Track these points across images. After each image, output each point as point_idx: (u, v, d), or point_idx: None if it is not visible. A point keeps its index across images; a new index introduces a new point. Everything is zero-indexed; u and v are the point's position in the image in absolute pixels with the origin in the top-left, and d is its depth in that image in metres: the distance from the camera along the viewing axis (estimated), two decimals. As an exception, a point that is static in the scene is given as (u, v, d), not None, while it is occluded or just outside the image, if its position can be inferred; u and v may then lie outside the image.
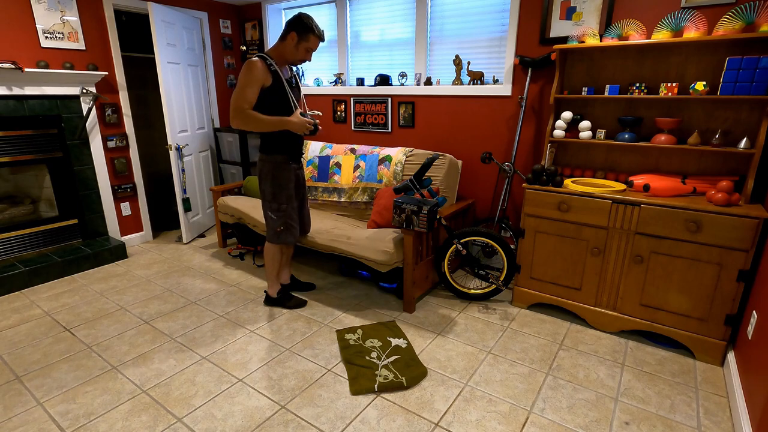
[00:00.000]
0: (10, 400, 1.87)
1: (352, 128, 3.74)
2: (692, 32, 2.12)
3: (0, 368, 2.08)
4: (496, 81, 2.98)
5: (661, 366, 2.09)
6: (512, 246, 2.91)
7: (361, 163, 3.23)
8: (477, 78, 2.99)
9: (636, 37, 2.28)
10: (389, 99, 3.43)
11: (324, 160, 3.41)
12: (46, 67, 2.99)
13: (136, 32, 4.14)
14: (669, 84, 2.20)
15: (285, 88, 2.20)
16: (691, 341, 2.13)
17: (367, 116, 3.61)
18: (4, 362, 2.13)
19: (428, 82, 3.23)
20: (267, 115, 2.17)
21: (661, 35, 2.19)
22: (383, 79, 3.42)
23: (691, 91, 2.12)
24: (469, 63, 3.02)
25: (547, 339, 2.31)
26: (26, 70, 2.83)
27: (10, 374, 2.04)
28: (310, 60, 2.27)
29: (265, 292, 2.71)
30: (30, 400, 1.87)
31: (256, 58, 2.12)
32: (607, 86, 2.36)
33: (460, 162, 3.06)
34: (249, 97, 2.11)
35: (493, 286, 2.67)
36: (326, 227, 2.84)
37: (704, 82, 2.10)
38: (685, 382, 1.97)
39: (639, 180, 2.26)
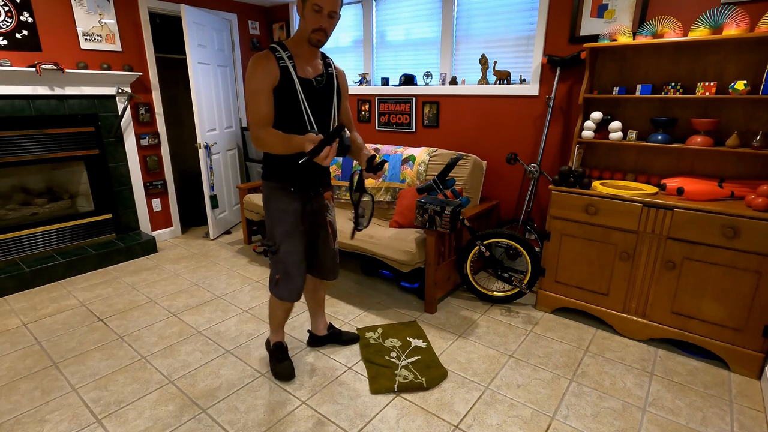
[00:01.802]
0: (47, 385, 1.96)
1: (376, 128, 3.75)
2: (732, 29, 2.03)
3: (39, 354, 2.19)
4: (523, 81, 2.93)
5: (692, 377, 2.01)
6: (537, 248, 2.86)
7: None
8: (503, 77, 2.95)
9: (672, 34, 2.19)
10: (414, 99, 3.42)
11: (347, 159, 3.43)
12: (85, 68, 3.13)
13: (168, 34, 4.28)
14: (706, 83, 2.11)
15: (296, 88, 1.60)
16: (725, 352, 2.04)
17: (391, 116, 3.61)
18: (42, 349, 2.24)
19: (453, 81, 3.21)
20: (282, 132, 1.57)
21: (698, 33, 2.11)
22: (408, 79, 3.42)
23: (730, 90, 2.03)
24: (495, 62, 2.98)
25: (572, 344, 2.25)
26: (67, 70, 2.97)
27: (48, 361, 2.15)
28: (325, 26, 1.55)
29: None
30: (65, 385, 1.96)
31: (265, 51, 1.60)
32: (639, 86, 2.29)
33: (484, 162, 3.03)
34: (261, 107, 1.57)
35: (517, 289, 2.63)
36: (349, 226, 2.86)
37: (745, 82, 2.00)
38: (719, 395, 1.89)
39: (672, 183, 2.17)
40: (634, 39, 2.30)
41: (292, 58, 1.61)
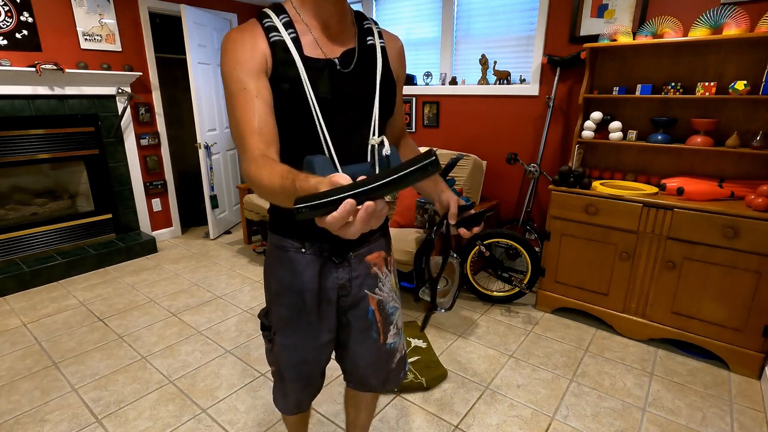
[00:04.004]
0: (47, 385, 1.96)
1: (376, 128, 3.74)
2: (732, 29, 2.03)
3: (39, 354, 2.19)
4: (523, 81, 2.93)
5: (692, 377, 2.01)
6: (537, 248, 2.86)
7: (385, 163, 3.23)
8: (503, 77, 2.95)
9: (672, 34, 2.19)
10: (413, 99, 3.42)
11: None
12: (85, 68, 3.13)
13: (168, 34, 4.28)
14: (706, 83, 2.11)
15: (298, 78, 0.86)
16: (725, 352, 2.04)
17: (391, 116, 3.61)
18: (42, 349, 2.24)
19: (453, 81, 3.21)
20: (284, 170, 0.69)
21: (698, 32, 2.11)
22: (408, 79, 3.42)
23: (730, 90, 2.03)
24: (495, 62, 2.98)
25: (572, 344, 2.25)
26: (67, 70, 2.96)
27: (48, 360, 2.15)
28: None
29: None
30: (65, 385, 1.96)
31: (249, 20, 0.90)
32: (639, 86, 2.29)
33: (484, 162, 3.02)
34: (248, 119, 0.82)
35: (517, 289, 2.63)
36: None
37: (745, 82, 2.00)
38: (719, 395, 1.89)
39: (672, 183, 2.17)
40: (634, 39, 2.30)
41: (293, 24, 0.88)
